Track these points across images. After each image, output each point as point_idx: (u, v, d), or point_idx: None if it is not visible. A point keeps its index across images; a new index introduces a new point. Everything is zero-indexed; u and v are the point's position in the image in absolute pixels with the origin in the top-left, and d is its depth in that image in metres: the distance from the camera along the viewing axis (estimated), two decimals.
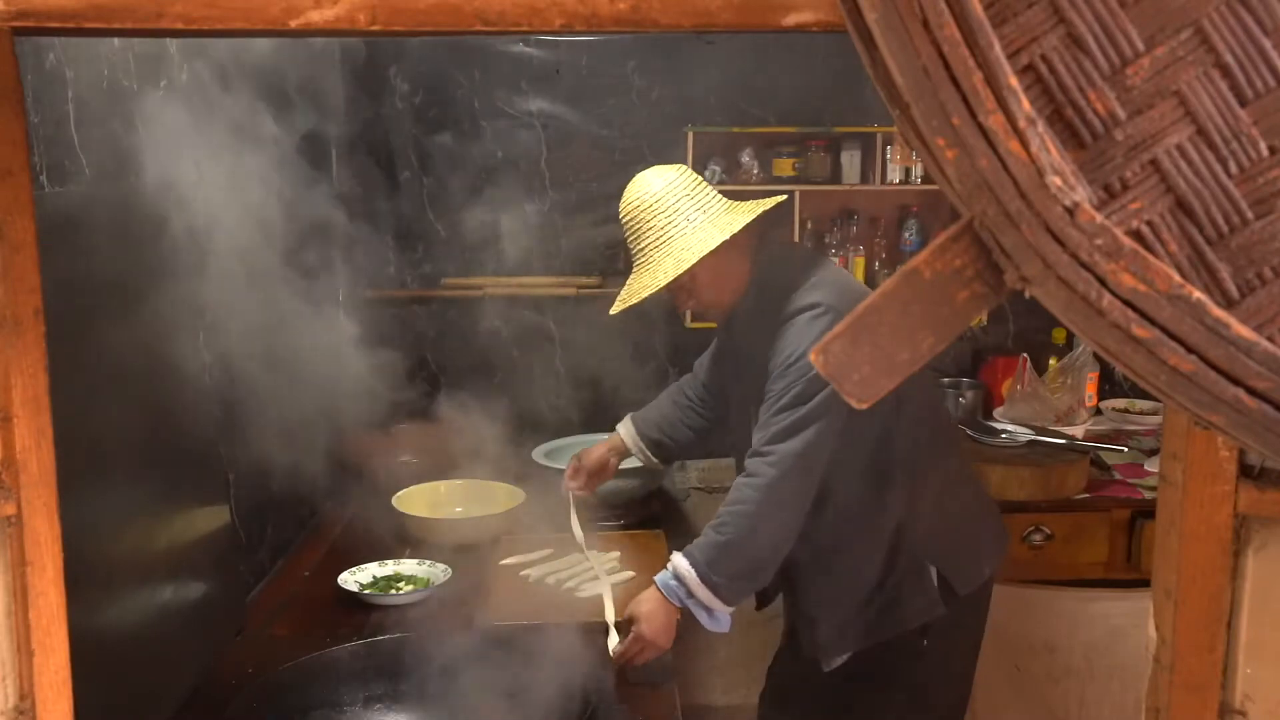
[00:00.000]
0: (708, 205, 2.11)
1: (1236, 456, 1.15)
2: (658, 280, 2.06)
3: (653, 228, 2.10)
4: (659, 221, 2.10)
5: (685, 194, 2.11)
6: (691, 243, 2.05)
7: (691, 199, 2.11)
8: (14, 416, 1.12)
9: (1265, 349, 0.51)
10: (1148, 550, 2.88)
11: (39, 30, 1.00)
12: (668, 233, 2.08)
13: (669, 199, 2.10)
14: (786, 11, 0.92)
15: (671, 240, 2.08)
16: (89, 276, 1.66)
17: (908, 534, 2.17)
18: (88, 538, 1.55)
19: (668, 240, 2.08)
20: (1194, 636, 1.18)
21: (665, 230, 2.09)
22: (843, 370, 0.59)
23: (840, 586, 2.21)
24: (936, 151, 0.53)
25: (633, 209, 2.14)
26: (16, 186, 1.10)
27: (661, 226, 2.09)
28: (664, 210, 2.10)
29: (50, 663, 1.17)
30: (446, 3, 0.93)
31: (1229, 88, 0.52)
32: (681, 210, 2.09)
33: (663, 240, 2.09)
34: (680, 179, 2.13)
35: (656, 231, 2.10)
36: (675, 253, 2.06)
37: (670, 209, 2.09)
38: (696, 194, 2.12)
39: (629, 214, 2.15)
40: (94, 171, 1.79)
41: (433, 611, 2.32)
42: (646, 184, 2.14)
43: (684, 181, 2.13)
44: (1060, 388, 3.48)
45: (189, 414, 2.09)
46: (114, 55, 1.90)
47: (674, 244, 2.07)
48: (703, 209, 2.10)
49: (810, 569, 2.21)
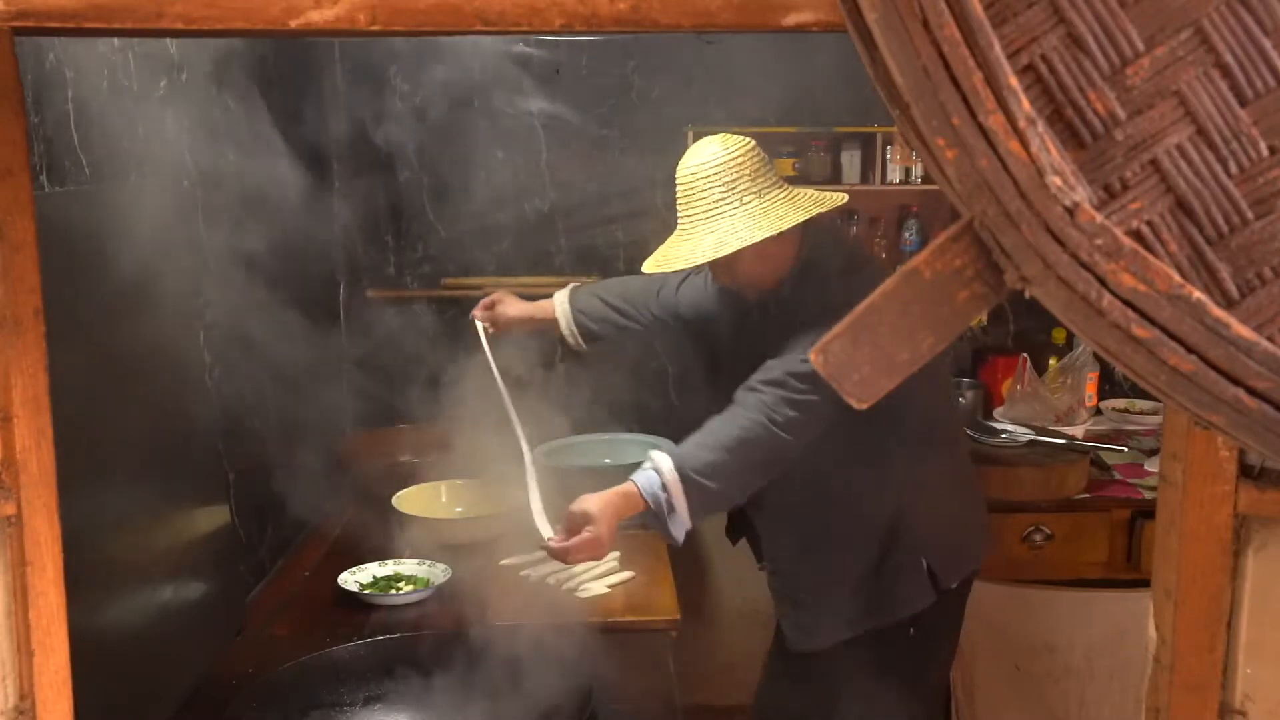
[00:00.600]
0: (766, 190, 2.03)
1: (1236, 456, 1.15)
2: (695, 257, 1.99)
3: (706, 199, 2.02)
4: (713, 194, 2.02)
5: (746, 173, 2.03)
6: (738, 226, 1.98)
7: (751, 179, 2.03)
8: (14, 416, 1.12)
9: (1265, 349, 0.51)
10: (1148, 550, 2.88)
11: (39, 30, 1.00)
12: (720, 209, 2.01)
13: (728, 174, 2.02)
14: (786, 11, 0.92)
15: (719, 218, 2.01)
16: (89, 276, 1.66)
17: (904, 524, 2.16)
18: (88, 538, 1.55)
19: (716, 217, 2.01)
20: (1194, 636, 1.18)
21: (717, 206, 2.01)
22: (843, 370, 0.59)
23: (832, 571, 2.20)
24: (936, 151, 0.53)
25: (689, 174, 2.06)
26: (16, 186, 1.10)
27: (715, 200, 2.01)
28: (720, 184, 2.02)
29: (50, 663, 1.17)
30: (446, 3, 0.92)
31: (1229, 88, 0.52)
32: (738, 189, 2.01)
33: (711, 215, 2.01)
34: (745, 155, 2.05)
35: (708, 205, 2.02)
36: (720, 233, 1.99)
37: (727, 184, 2.01)
38: (758, 174, 2.04)
39: (685, 178, 2.07)
40: (94, 171, 1.79)
41: (433, 611, 2.32)
42: (710, 151, 2.06)
43: (748, 158, 2.05)
44: (1060, 388, 3.48)
45: (189, 414, 2.08)
46: (113, 55, 1.90)
47: (721, 222, 2.00)
48: (759, 193, 2.02)
49: (803, 552, 2.21)
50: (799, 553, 2.22)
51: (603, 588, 2.42)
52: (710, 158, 2.04)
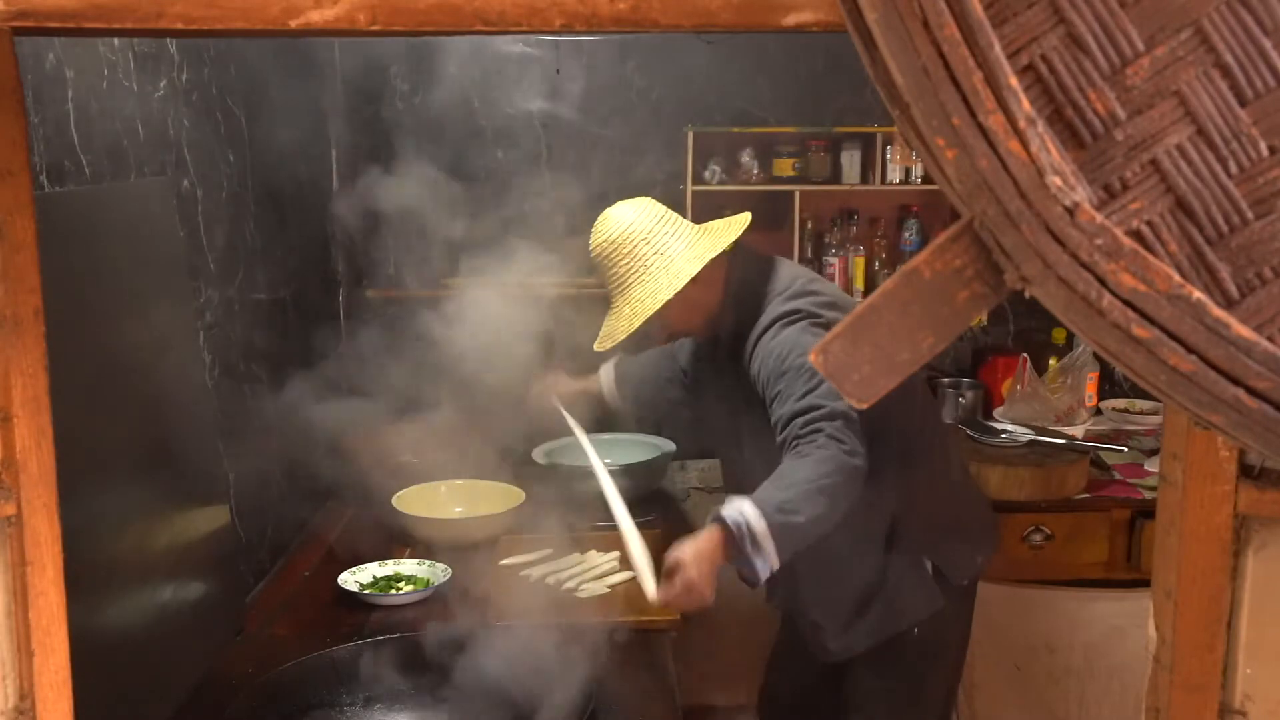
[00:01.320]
0: (665, 247, 2.12)
1: (1236, 456, 1.15)
2: (618, 331, 2.09)
3: (615, 273, 2.13)
4: (619, 268, 2.13)
5: (640, 236, 2.12)
6: (643, 294, 2.08)
7: (648, 241, 2.12)
8: (14, 416, 1.12)
9: (1265, 349, 0.51)
10: (1148, 550, 2.88)
11: (39, 30, 1.00)
12: (627, 280, 2.11)
13: (624, 245, 2.12)
14: (786, 11, 0.92)
15: (629, 289, 2.11)
16: (89, 276, 1.66)
17: (901, 531, 2.17)
18: (88, 538, 1.55)
19: (626, 289, 2.11)
20: (1194, 636, 1.18)
21: (625, 279, 2.12)
22: (843, 370, 0.59)
23: (839, 591, 2.20)
24: (936, 151, 0.53)
25: (595, 254, 2.17)
26: (16, 186, 1.10)
27: (622, 274, 2.12)
28: (621, 256, 2.12)
29: (50, 663, 1.17)
30: (446, 3, 0.92)
31: (1229, 88, 0.52)
32: (638, 255, 2.11)
33: (622, 288, 2.12)
34: (640, 218, 2.14)
35: (618, 278, 2.13)
36: (633, 302, 2.09)
37: (627, 255, 2.12)
38: (653, 235, 2.13)
39: (594, 258, 2.18)
40: (94, 171, 1.79)
41: (433, 611, 2.32)
42: (605, 228, 2.16)
43: (641, 221, 2.14)
44: (1060, 388, 3.48)
45: (189, 414, 2.08)
46: (113, 55, 1.90)
47: (631, 292, 2.10)
48: (659, 252, 2.11)
49: (808, 575, 2.20)
50: (803, 578, 2.21)
51: (603, 588, 2.42)
52: (606, 233, 2.15)
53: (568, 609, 2.31)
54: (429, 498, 2.83)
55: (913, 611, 2.19)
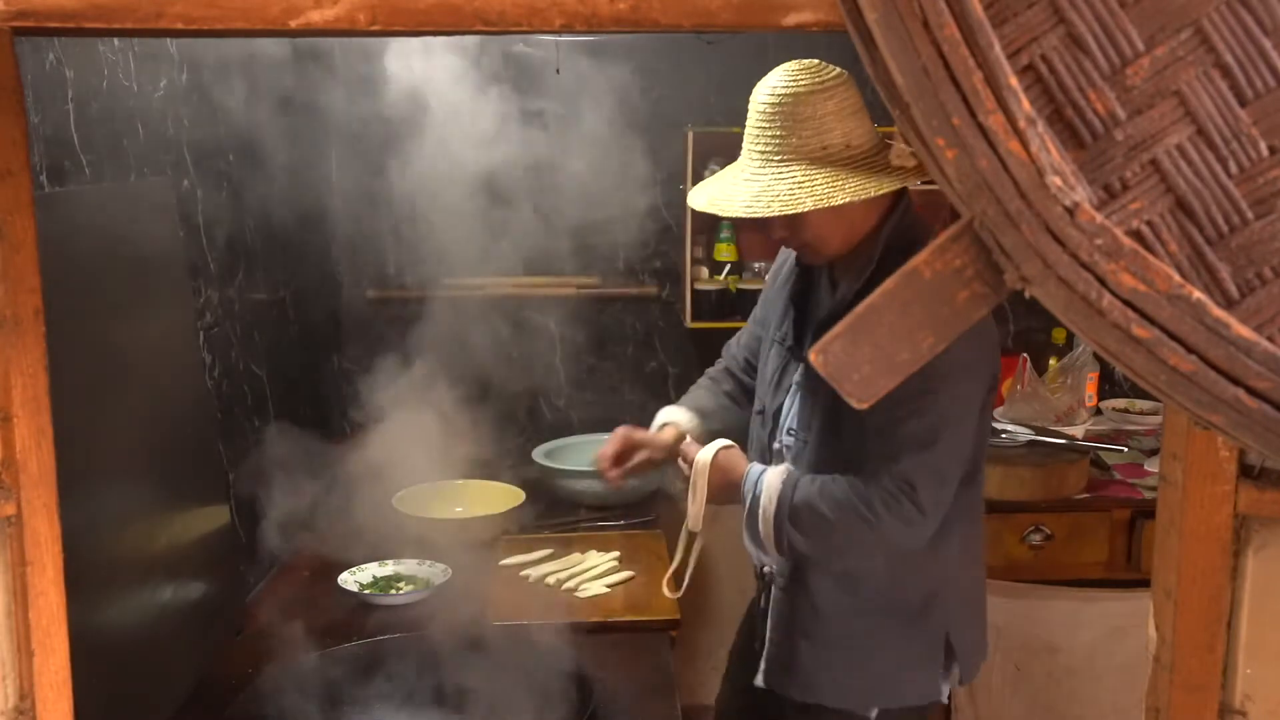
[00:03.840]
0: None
1: (1236, 456, 1.15)
2: (758, 207, 1.71)
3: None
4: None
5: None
6: (817, 179, 1.70)
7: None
8: (14, 416, 1.12)
9: (1265, 349, 0.51)
10: (1148, 550, 2.88)
11: (39, 30, 1.00)
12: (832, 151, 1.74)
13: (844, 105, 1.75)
14: (786, 11, 0.92)
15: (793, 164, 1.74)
16: (89, 276, 1.66)
17: (941, 596, 1.93)
18: (88, 538, 1.55)
19: (790, 162, 1.73)
20: (1194, 636, 1.18)
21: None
22: (843, 370, 0.59)
23: (850, 637, 1.95)
24: (936, 151, 0.53)
25: (779, 97, 1.74)
26: (16, 186, 1.10)
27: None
28: None
29: (50, 663, 1.17)
30: (446, 3, 0.92)
31: (1229, 88, 0.52)
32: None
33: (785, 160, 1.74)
34: (838, 86, 1.76)
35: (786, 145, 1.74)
36: (789, 182, 1.71)
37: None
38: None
39: (773, 100, 1.75)
40: (94, 171, 1.79)
41: (433, 611, 2.32)
42: (797, 79, 1.75)
43: (841, 91, 1.76)
44: (1060, 388, 3.48)
45: (189, 414, 2.08)
46: (114, 55, 1.90)
47: (794, 169, 1.73)
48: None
49: (818, 609, 1.95)
50: (821, 592, 1.95)
51: (602, 588, 2.42)
52: (790, 84, 1.74)
53: (568, 609, 2.31)
54: (429, 498, 2.83)
55: (910, 692, 1.95)
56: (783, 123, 1.73)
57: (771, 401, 2.01)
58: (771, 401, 2.01)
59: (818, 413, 1.89)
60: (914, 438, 1.75)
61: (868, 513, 1.76)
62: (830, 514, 1.78)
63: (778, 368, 2.01)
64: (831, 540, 1.83)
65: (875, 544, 1.82)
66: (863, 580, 1.92)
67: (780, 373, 2.00)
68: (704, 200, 1.81)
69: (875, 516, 1.76)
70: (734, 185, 1.78)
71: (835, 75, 1.76)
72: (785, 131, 1.73)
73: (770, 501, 1.83)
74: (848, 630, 1.94)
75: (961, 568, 1.96)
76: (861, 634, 1.94)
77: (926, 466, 1.76)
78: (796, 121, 1.73)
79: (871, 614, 1.93)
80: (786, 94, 1.73)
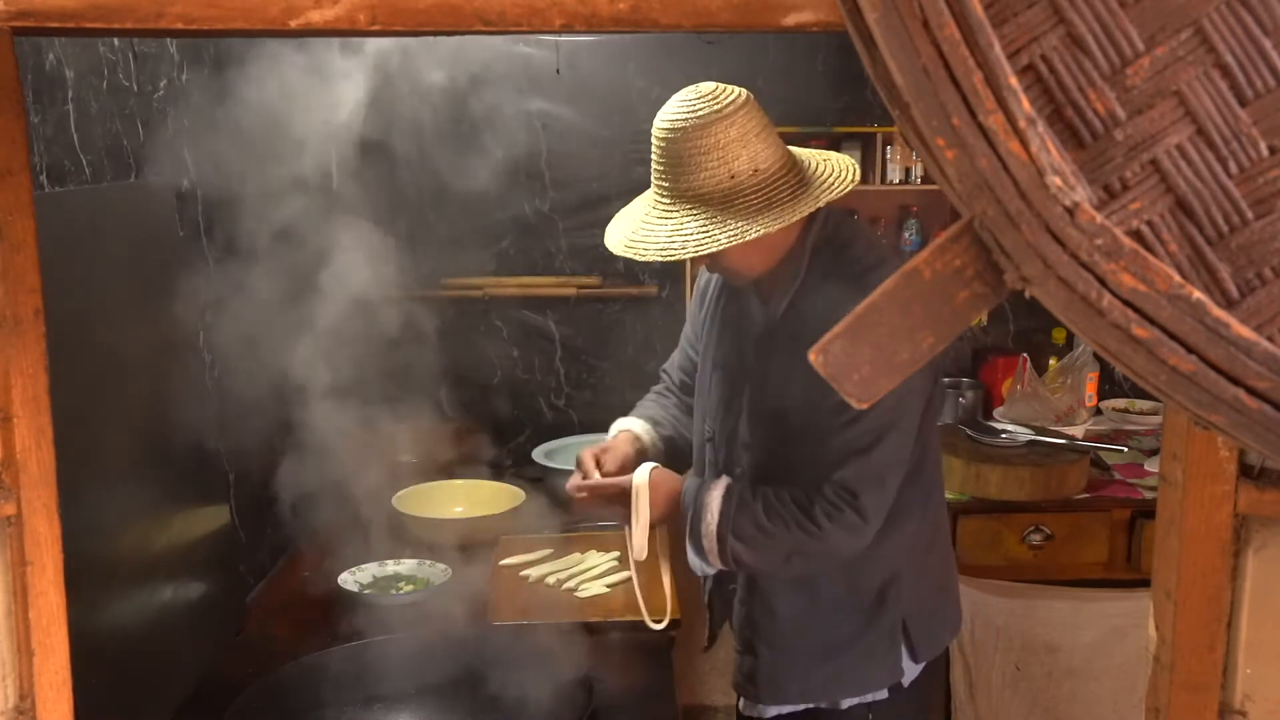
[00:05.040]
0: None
1: (1236, 456, 1.15)
2: (673, 248, 1.66)
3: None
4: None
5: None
6: (728, 217, 1.66)
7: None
8: (14, 416, 1.12)
9: (1265, 349, 0.51)
10: (1148, 550, 2.88)
11: (39, 30, 1.00)
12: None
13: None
14: (786, 11, 0.92)
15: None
16: (89, 276, 1.66)
17: (896, 586, 1.93)
18: (88, 538, 1.55)
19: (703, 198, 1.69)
20: (1194, 636, 1.18)
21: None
22: (842, 370, 0.59)
23: (814, 634, 1.95)
24: (936, 151, 0.53)
25: (679, 130, 1.68)
26: (16, 186, 1.10)
27: None
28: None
29: (50, 663, 1.17)
30: (446, 3, 0.92)
31: (1229, 88, 0.52)
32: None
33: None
34: (737, 109, 1.68)
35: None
36: (702, 219, 1.67)
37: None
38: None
39: (673, 132, 1.69)
40: (94, 171, 1.79)
41: (433, 611, 2.32)
42: (691, 107, 1.69)
43: (742, 113, 1.68)
44: (1060, 388, 3.48)
45: (189, 414, 2.09)
46: (114, 55, 1.90)
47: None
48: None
49: (787, 608, 1.96)
50: (780, 610, 1.96)
51: (602, 588, 2.42)
52: (689, 114, 1.68)
53: (568, 609, 2.31)
54: (429, 498, 2.84)
55: (873, 680, 1.95)
56: (687, 157, 1.67)
57: (722, 426, 1.98)
58: (722, 426, 1.98)
59: (773, 431, 1.88)
60: (852, 444, 1.75)
61: (810, 524, 1.76)
62: (772, 526, 1.78)
63: (724, 394, 1.98)
64: (774, 551, 1.82)
65: (820, 554, 1.81)
66: (818, 581, 1.93)
67: (728, 398, 1.97)
68: (619, 242, 1.76)
69: (818, 527, 1.75)
70: (647, 225, 1.73)
71: (734, 99, 1.69)
72: (692, 166, 1.67)
73: (712, 516, 1.82)
74: (806, 631, 1.94)
75: (913, 555, 1.94)
76: (819, 633, 1.94)
77: (866, 472, 1.75)
78: (700, 153, 1.66)
79: (828, 613, 1.93)
80: (686, 125, 1.67)
